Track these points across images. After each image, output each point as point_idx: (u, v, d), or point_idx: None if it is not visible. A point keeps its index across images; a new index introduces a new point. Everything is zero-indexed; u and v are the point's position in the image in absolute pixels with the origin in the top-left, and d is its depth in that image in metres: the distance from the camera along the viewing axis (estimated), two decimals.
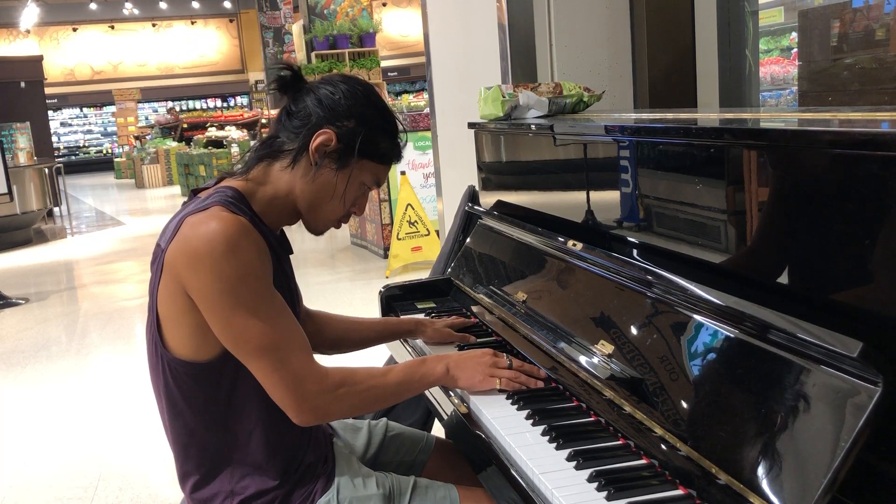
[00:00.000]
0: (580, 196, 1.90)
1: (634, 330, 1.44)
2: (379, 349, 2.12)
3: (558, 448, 1.33)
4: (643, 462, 1.26)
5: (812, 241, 1.15)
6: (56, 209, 12.24)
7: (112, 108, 25.16)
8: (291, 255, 1.62)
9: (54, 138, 21.06)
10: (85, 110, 25.35)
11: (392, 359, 2.38)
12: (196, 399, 1.43)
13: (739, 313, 1.18)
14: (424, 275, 2.68)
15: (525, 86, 2.31)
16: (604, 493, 1.17)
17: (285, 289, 1.49)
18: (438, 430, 1.94)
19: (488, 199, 2.49)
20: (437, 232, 5.45)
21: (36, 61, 14.68)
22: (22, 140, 10.66)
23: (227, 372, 1.41)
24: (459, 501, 1.52)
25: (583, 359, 1.51)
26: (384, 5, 22.57)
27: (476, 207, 2.50)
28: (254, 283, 1.35)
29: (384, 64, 12.87)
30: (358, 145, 1.47)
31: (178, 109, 23.86)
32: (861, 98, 2.37)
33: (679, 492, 1.15)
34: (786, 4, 2.74)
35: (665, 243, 1.56)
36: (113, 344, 5.41)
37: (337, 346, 1.85)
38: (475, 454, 1.48)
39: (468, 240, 2.40)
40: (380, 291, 2.35)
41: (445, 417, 1.67)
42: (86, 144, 25.68)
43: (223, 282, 1.32)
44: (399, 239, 6.43)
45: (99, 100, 24.82)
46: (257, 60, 21.96)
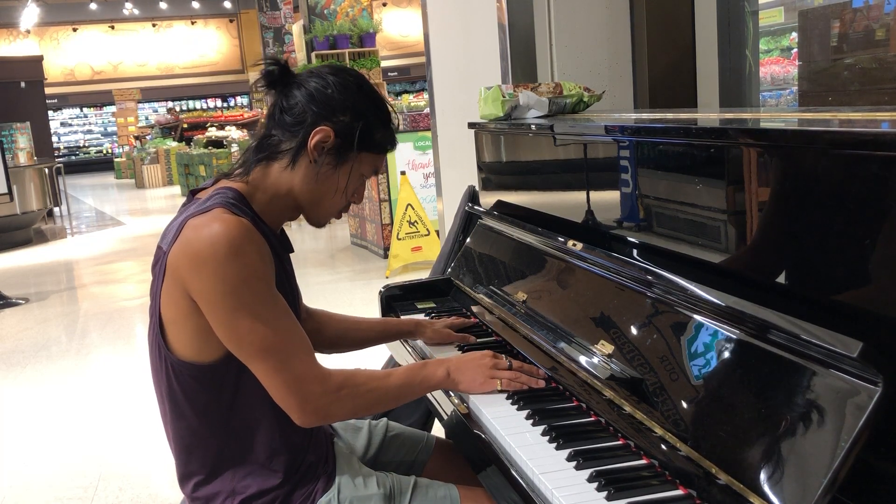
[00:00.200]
0: (580, 196, 1.90)
1: (634, 330, 1.44)
2: (379, 349, 2.12)
3: (558, 448, 1.33)
4: (643, 462, 1.26)
5: (812, 242, 1.15)
6: (56, 209, 12.24)
7: (112, 108, 25.16)
8: (291, 255, 1.62)
9: (54, 138, 21.07)
10: (85, 110, 25.35)
11: (392, 359, 2.39)
12: (199, 400, 1.43)
13: (739, 313, 1.18)
14: (424, 275, 2.68)
15: (525, 86, 2.31)
16: (604, 493, 1.17)
17: (286, 289, 1.50)
18: (438, 430, 1.94)
19: (488, 199, 2.49)
20: (437, 232, 5.45)
21: (36, 61, 14.69)
22: (22, 140, 10.66)
23: (231, 373, 1.41)
24: (460, 501, 1.52)
25: (583, 359, 1.51)
26: (384, 5, 22.57)
27: (476, 207, 2.50)
28: (256, 286, 1.35)
29: (384, 64, 12.88)
30: (356, 140, 1.48)
31: (178, 109, 23.87)
32: (861, 98, 2.37)
33: (679, 492, 1.15)
34: (786, 4, 2.74)
35: (665, 243, 1.56)
36: (113, 344, 5.41)
37: (336, 346, 1.85)
38: (475, 454, 1.48)
39: (468, 240, 2.40)
40: (380, 291, 2.35)
41: (445, 417, 1.67)
42: (86, 144, 25.68)
43: (226, 284, 1.33)
44: (399, 239, 6.43)
45: (99, 100, 24.82)
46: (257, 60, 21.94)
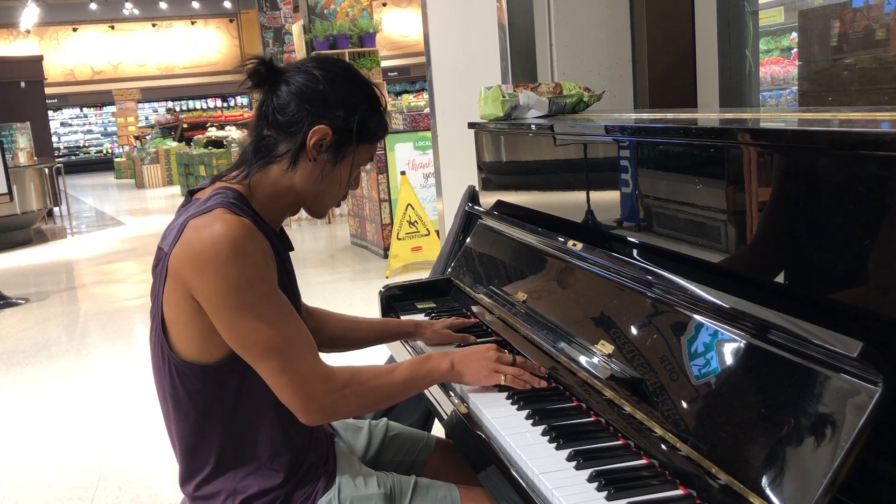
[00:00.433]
0: (580, 196, 1.90)
1: (634, 330, 1.44)
2: (379, 348, 2.12)
3: (558, 448, 1.33)
4: (643, 462, 1.26)
5: (812, 242, 1.15)
6: (56, 209, 12.24)
7: (112, 108, 25.14)
8: (291, 254, 1.62)
9: (54, 138, 21.05)
10: (85, 110, 25.33)
11: (392, 359, 2.38)
12: (202, 401, 1.43)
13: (739, 313, 1.18)
14: (424, 275, 2.68)
15: (525, 86, 2.31)
16: (604, 493, 1.17)
17: (287, 288, 1.50)
18: (438, 430, 1.94)
19: (488, 199, 2.49)
20: (437, 232, 5.45)
21: (36, 61, 14.68)
22: (22, 140, 10.66)
23: (234, 373, 1.42)
24: (460, 501, 1.52)
25: (583, 359, 1.51)
26: (384, 5, 22.57)
27: (476, 207, 2.50)
28: (259, 286, 1.35)
29: (384, 64, 12.88)
30: (354, 134, 1.47)
31: (178, 109, 23.85)
32: (861, 98, 2.37)
33: (679, 492, 1.15)
34: (786, 4, 2.74)
35: (665, 243, 1.56)
36: (113, 344, 5.41)
37: (336, 345, 1.85)
38: (475, 454, 1.48)
39: (468, 240, 2.40)
40: (380, 291, 2.35)
41: (445, 417, 1.67)
42: (86, 144, 25.66)
43: (229, 285, 1.33)
44: (399, 239, 6.43)
45: (99, 100, 24.81)
46: None
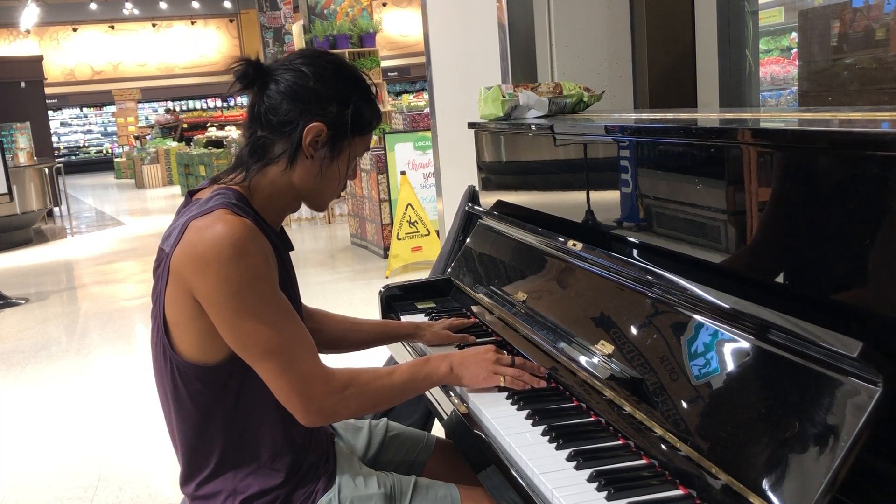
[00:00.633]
0: (580, 196, 1.90)
1: (634, 330, 1.44)
2: (379, 348, 2.12)
3: (558, 448, 1.33)
4: (643, 462, 1.26)
5: (812, 242, 1.15)
6: (56, 209, 12.23)
7: (112, 108, 25.13)
8: (291, 254, 1.62)
9: (54, 138, 21.03)
10: (85, 110, 25.31)
11: (392, 359, 2.38)
12: (204, 401, 1.43)
13: (739, 313, 1.18)
14: (424, 275, 2.68)
15: (525, 86, 2.31)
16: (604, 493, 1.17)
17: (288, 288, 1.50)
18: (438, 430, 1.94)
19: (488, 199, 2.49)
20: (437, 232, 5.45)
21: (36, 61, 14.67)
22: (22, 140, 10.66)
23: (236, 374, 1.42)
24: (460, 501, 1.52)
25: (583, 359, 1.51)
26: (384, 5, 22.56)
27: (476, 207, 2.50)
28: (260, 287, 1.36)
29: (384, 64, 12.87)
30: (349, 127, 1.47)
31: (178, 109, 23.85)
32: (861, 98, 2.37)
33: (679, 492, 1.15)
34: (786, 4, 2.74)
35: (665, 243, 1.56)
36: (113, 344, 5.41)
37: (335, 346, 1.85)
38: (475, 454, 1.48)
39: (468, 240, 2.40)
40: (380, 291, 2.35)
41: (445, 417, 1.67)
42: (86, 144, 25.65)
43: (230, 286, 1.33)
44: (399, 239, 6.43)
45: (99, 100, 24.79)
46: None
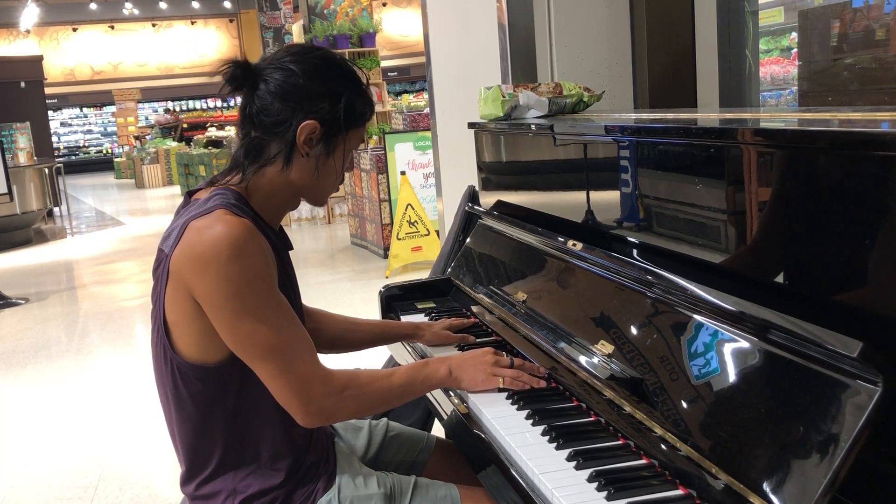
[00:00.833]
0: (580, 196, 1.90)
1: (634, 330, 1.44)
2: (379, 348, 2.12)
3: (558, 448, 1.33)
4: (643, 462, 1.26)
5: (812, 241, 1.15)
6: (56, 209, 12.23)
7: (112, 108, 25.12)
8: (291, 254, 1.62)
9: (54, 138, 21.03)
10: (85, 110, 25.31)
11: (392, 359, 2.39)
12: (204, 402, 1.43)
13: (739, 313, 1.18)
14: (424, 275, 2.68)
15: (525, 86, 2.31)
16: (604, 493, 1.17)
17: (287, 288, 1.50)
18: (438, 430, 1.94)
19: (488, 199, 2.49)
20: (437, 232, 5.45)
21: (36, 61, 14.67)
22: (22, 140, 10.66)
23: (236, 374, 1.42)
24: (460, 501, 1.52)
25: (583, 359, 1.51)
26: (384, 5, 22.56)
27: (476, 207, 2.50)
28: (259, 287, 1.36)
29: (384, 64, 12.87)
30: (342, 122, 1.46)
31: (178, 109, 23.84)
32: (861, 98, 2.37)
33: (679, 492, 1.15)
34: (786, 4, 2.74)
35: (665, 243, 1.56)
36: (113, 344, 5.41)
37: (334, 346, 1.85)
38: (475, 454, 1.48)
39: (468, 240, 2.40)
40: (380, 291, 2.35)
41: (445, 417, 1.67)
42: (86, 144, 25.64)
43: (229, 286, 1.33)
44: (399, 239, 6.43)
45: (99, 100, 24.79)
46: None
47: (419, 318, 2.14)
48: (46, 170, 10.68)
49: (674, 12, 3.01)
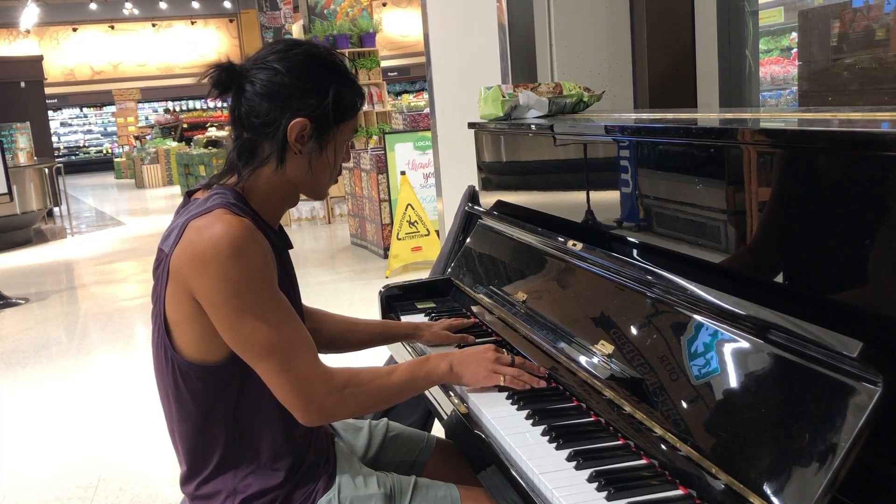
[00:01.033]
0: (580, 196, 1.90)
1: (634, 330, 1.44)
2: (379, 348, 2.12)
3: (558, 448, 1.33)
4: (643, 462, 1.26)
5: (812, 241, 1.15)
6: (56, 209, 12.23)
7: (112, 108, 25.13)
8: (291, 253, 1.62)
9: (54, 138, 21.03)
10: (85, 110, 25.31)
11: (392, 359, 2.38)
12: (205, 401, 1.43)
13: (739, 313, 1.18)
14: (424, 275, 2.68)
15: (525, 86, 2.31)
16: (604, 493, 1.17)
17: (287, 287, 1.50)
18: (438, 430, 1.94)
19: (488, 199, 2.49)
20: (437, 232, 5.45)
21: (36, 61, 14.68)
22: (22, 140, 10.66)
23: (237, 373, 1.42)
24: (460, 501, 1.52)
25: (583, 359, 1.51)
26: (384, 5, 22.56)
27: (476, 207, 2.50)
28: (259, 286, 1.36)
29: (384, 64, 12.86)
30: (331, 116, 1.45)
31: (178, 109, 23.84)
32: (861, 98, 2.37)
33: (679, 492, 1.15)
34: (786, 4, 2.74)
35: (665, 243, 1.56)
36: (113, 344, 5.41)
37: (334, 346, 1.85)
38: (475, 454, 1.48)
39: (468, 240, 2.40)
40: (380, 291, 2.35)
41: (445, 417, 1.67)
42: (86, 144, 25.65)
43: (229, 285, 1.33)
44: (399, 239, 6.43)
45: (99, 100, 24.79)
46: None
47: (419, 319, 2.14)
48: (46, 170, 10.68)
49: (674, 12, 3.01)
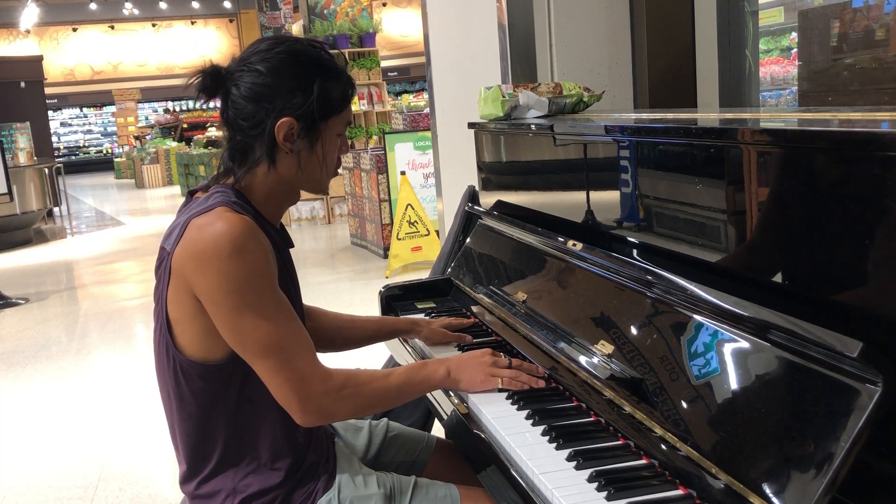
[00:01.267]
0: (580, 196, 1.90)
1: (634, 330, 1.44)
2: (379, 349, 2.12)
3: (558, 448, 1.33)
4: (643, 462, 1.26)
5: (812, 241, 1.15)
6: (56, 209, 12.24)
7: (112, 108, 25.13)
8: (291, 252, 1.62)
9: (54, 138, 21.03)
10: (85, 110, 25.32)
11: (392, 359, 2.39)
12: (206, 398, 1.43)
13: (739, 313, 1.18)
14: (424, 275, 2.68)
15: (525, 86, 2.31)
16: (604, 493, 1.17)
17: (288, 286, 1.50)
18: (438, 430, 1.94)
19: (488, 199, 2.49)
20: (437, 232, 5.45)
21: (36, 61, 14.68)
22: (22, 140, 10.66)
23: (238, 372, 1.42)
24: (460, 501, 1.52)
25: (583, 359, 1.51)
26: (384, 5, 22.55)
27: (476, 207, 2.50)
28: (259, 284, 1.36)
29: (384, 64, 12.86)
30: (318, 113, 1.44)
31: (178, 110, 23.83)
32: (861, 98, 2.37)
33: (679, 492, 1.15)
34: (786, 4, 2.74)
35: (665, 243, 1.56)
36: (113, 344, 5.41)
37: (333, 344, 1.85)
38: (475, 454, 1.48)
39: (468, 240, 2.40)
40: (380, 291, 2.35)
41: (445, 417, 1.67)
42: (86, 144, 25.65)
43: (230, 283, 1.33)
44: (399, 239, 6.43)
45: (99, 100, 24.79)
46: None
47: (417, 317, 2.14)
48: (46, 170, 10.68)
49: (674, 12, 3.01)
